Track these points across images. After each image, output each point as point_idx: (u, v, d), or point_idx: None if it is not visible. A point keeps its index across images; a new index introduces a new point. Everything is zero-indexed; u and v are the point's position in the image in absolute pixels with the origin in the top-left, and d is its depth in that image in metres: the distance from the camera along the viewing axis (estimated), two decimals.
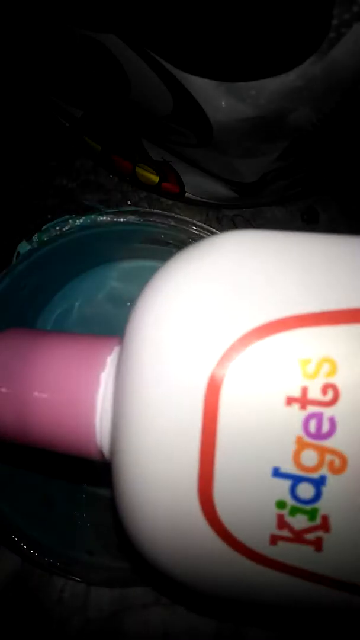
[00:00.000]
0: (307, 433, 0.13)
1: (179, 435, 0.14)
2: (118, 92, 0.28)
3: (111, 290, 0.36)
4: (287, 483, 0.13)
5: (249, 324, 0.13)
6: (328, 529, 0.13)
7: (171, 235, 0.30)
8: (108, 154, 0.37)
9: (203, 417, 0.14)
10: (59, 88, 0.34)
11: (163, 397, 0.14)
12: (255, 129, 0.26)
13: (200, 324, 0.14)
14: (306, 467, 0.13)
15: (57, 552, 0.29)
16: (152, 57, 0.23)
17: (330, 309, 0.13)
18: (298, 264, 0.14)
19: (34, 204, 0.41)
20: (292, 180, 0.35)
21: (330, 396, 0.13)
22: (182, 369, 0.14)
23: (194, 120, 0.26)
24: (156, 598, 0.28)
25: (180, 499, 0.14)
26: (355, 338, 0.13)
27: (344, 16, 0.19)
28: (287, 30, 0.20)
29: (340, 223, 0.40)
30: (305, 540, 0.13)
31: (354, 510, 0.13)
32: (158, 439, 0.14)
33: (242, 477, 0.14)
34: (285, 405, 0.13)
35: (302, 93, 0.23)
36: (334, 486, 0.13)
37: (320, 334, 0.13)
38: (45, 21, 0.25)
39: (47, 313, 0.36)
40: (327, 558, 0.14)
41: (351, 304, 0.13)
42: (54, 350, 0.17)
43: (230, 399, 0.13)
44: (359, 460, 0.13)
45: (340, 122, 0.27)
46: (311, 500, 0.13)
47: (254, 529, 0.14)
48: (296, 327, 0.13)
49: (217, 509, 0.14)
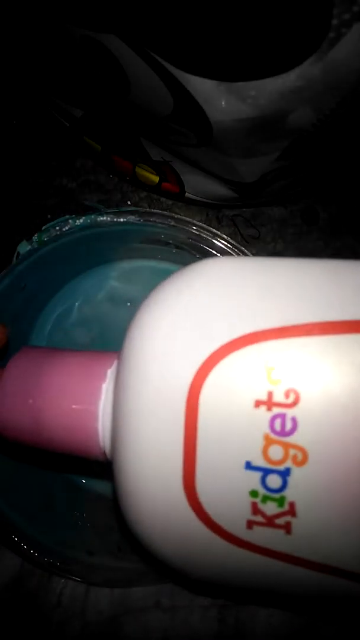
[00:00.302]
0: (273, 431, 0.15)
1: (165, 435, 0.16)
2: (118, 92, 0.28)
3: (111, 290, 0.36)
4: (258, 475, 0.15)
5: (223, 338, 0.16)
6: (295, 514, 0.15)
7: (171, 235, 0.30)
8: (108, 154, 0.37)
9: (185, 420, 0.16)
10: (59, 88, 0.34)
11: (151, 404, 0.16)
12: (255, 129, 0.26)
13: (181, 341, 0.16)
14: (273, 461, 0.15)
15: (57, 552, 0.29)
16: (152, 57, 0.23)
17: (290, 324, 0.15)
18: (263, 287, 0.17)
19: (33, 204, 0.41)
20: (292, 180, 0.35)
21: (292, 399, 0.15)
22: (167, 380, 0.16)
23: (194, 121, 0.26)
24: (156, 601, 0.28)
25: (168, 490, 0.16)
26: (311, 349, 0.15)
27: (343, 16, 0.19)
28: (287, 30, 0.20)
29: (340, 223, 0.40)
30: (276, 525, 0.15)
31: (315, 497, 0.15)
32: (148, 439, 0.16)
33: (220, 471, 0.16)
34: (254, 408, 0.15)
35: (302, 93, 0.23)
36: (297, 477, 0.15)
37: (283, 345, 0.15)
38: (46, 21, 0.25)
39: (47, 313, 0.36)
40: (296, 540, 0.16)
41: (308, 319, 0.15)
42: (63, 365, 0.20)
43: (208, 404, 0.16)
44: (318, 453, 0.15)
45: (340, 122, 0.27)
46: (279, 490, 0.15)
47: (232, 515, 0.16)
48: (262, 340, 0.15)
49: (200, 498, 0.16)
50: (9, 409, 0.20)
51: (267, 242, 0.41)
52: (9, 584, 0.30)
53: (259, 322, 0.16)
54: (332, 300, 0.16)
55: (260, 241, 0.40)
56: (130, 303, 0.36)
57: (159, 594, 0.28)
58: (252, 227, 0.41)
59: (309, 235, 0.40)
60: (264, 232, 0.41)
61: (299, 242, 0.41)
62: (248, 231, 0.41)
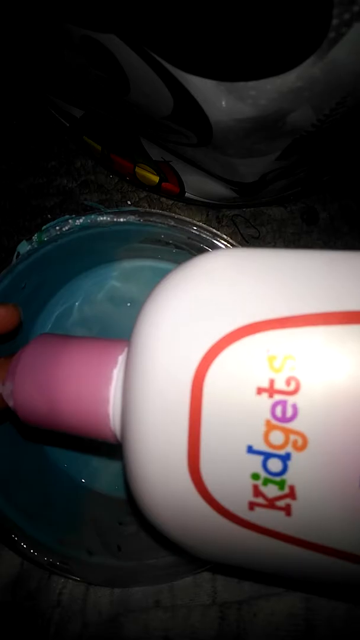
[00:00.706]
0: (274, 417, 0.16)
1: (171, 420, 0.17)
2: (117, 92, 0.28)
3: (111, 289, 0.36)
4: (259, 458, 0.16)
5: (227, 328, 0.16)
6: (294, 497, 0.16)
7: (171, 235, 0.30)
8: (108, 154, 0.37)
9: (190, 405, 0.16)
10: (59, 88, 0.34)
11: (158, 390, 0.17)
12: (255, 129, 0.26)
13: (186, 330, 0.17)
14: (274, 445, 0.16)
15: (57, 551, 0.29)
16: (152, 57, 0.23)
17: (292, 314, 0.16)
18: (265, 277, 0.17)
19: (33, 204, 0.41)
20: (292, 180, 0.35)
21: (293, 386, 0.15)
22: (173, 367, 0.17)
23: (194, 120, 0.26)
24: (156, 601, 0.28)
25: (174, 472, 0.17)
26: (314, 338, 0.15)
27: (344, 16, 0.19)
28: (287, 30, 0.20)
29: (340, 223, 0.40)
30: (277, 507, 0.16)
31: (315, 481, 0.15)
32: (155, 423, 0.17)
33: (223, 454, 0.16)
34: (256, 394, 0.16)
35: (303, 93, 0.23)
36: (297, 461, 0.15)
37: (285, 335, 0.16)
38: (46, 21, 0.25)
39: (46, 313, 0.36)
40: (296, 522, 0.16)
41: (310, 310, 0.16)
42: (76, 352, 0.21)
43: (212, 390, 0.16)
44: (317, 439, 0.15)
45: (340, 122, 0.27)
46: (279, 473, 0.16)
47: (234, 496, 0.17)
48: (265, 330, 0.16)
49: (204, 479, 0.17)
50: (26, 394, 0.21)
51: (267, 242, 0.41)
52: (8, 584, 0.30)
53: (261, 312, 0.16)
54: (333, 291, 0.16)
55: (260, 241, 0.41)
56: (131, 303, 0.36)
57: (159, 593, 0.28)
58: (252, 227, 0.41)
59: (309, 235, 0.41)
60: (264, 232, 0.41)
61: (299, 242, 0.41)
62: (248, 231, 0.41)
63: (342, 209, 0.41)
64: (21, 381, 0.21)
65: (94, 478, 0.35)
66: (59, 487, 0.34)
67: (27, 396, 0.21)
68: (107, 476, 0.35)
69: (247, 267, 0.18)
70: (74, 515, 0.33)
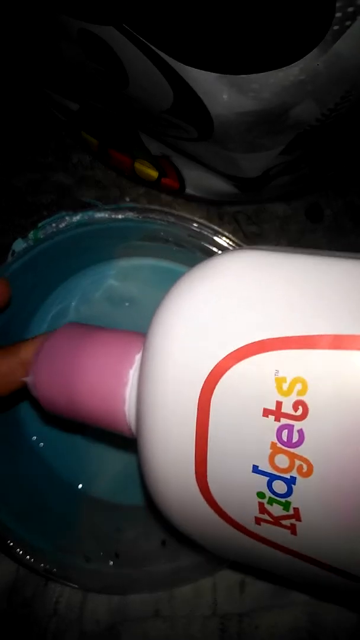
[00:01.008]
0: (280, 440, 0.15)
1: (179, 431, 0.17)
2: (116, 85, 0.27)
3: (109, 288, 0.36)
4: (264, 479, 0.16)
5: (236, 343, 0.16)
6: (299, 518, 0.16)
7: (171, 233, 0.30)
8: (106, 149, 0.37)
9: (197, 420, 0.17)
10: (56, 82, 0.33)
11: (167, 401, 0.17)
12: (257, 123, 0.25)
13: (196, 343, 0.17)
14: (279, 468, 0.16)
15: (54, 558, 0.29)
16: (151, 49, 0.23)
17: (306, 334, 0.15)
18: (283, 290, 0.16)
19: (29, 201, 0.41)
20: (296, 175, 0.34)
21: (301, 412, 0.15)
22: (181, 380, 0.17)
23: (195, 114, 0.26)
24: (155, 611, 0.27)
25: (183, 481, 0.17)
26: (325, 362, 0.15)
27: (347, 9, 0.19)
28: (290, 22, 0.20)
29: (344, 220, 0.40)
30: (283, 525, 0.16)
31: (319, 507, 0.15)
32: (164, 432, 0.17)
33: (229, 470, 0.17)
34: (262, 416, 0.15)
35: (306, 86, 0.23)
36: (302, 486, 0.15)
37: (296, 356, 0.15)
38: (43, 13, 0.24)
39: (42, 312, 0.35)
40: (302, 540, 0.16)
41: (325, 330, 0.15)
42: (96, 347, 0.21)
43: (219, 408, 0.16)
44: (323, 466, 0.15)
45: (345, 116, 0.26)
46: (284, 495, 0.16)
47: (241, 510, 0.17)
48: (275, 349, 0.15)
49: (212, 491, 0.17)
50: (47, 385, 0.21)
51: (269, 240, 0.40)
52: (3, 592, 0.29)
53: (272, 329, 0.16)
54: (350, 312, 0.15)
55: (262, 238, 0.40)
56: (129, 303, 0.36)
57: (158, 603, 0.28)
58: (254, 224, 0.40)
59: (312, 232, 0.40)
60: (267, 230, 0.40)
61: (303, 239, 0.40)
62: (250, 228, 0.40)
63: (347, 206, 0.40)
64: (42, 372, 0.22)
65: (91, 484, 0.35)
66: (56, 493, 0.34)
67: (48, 388, 0.21)
68: (105, 482, 0.35)
69: (261, 277, 0.17)
70: (71, 522, 0.32)
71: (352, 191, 0.40)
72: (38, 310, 0.35)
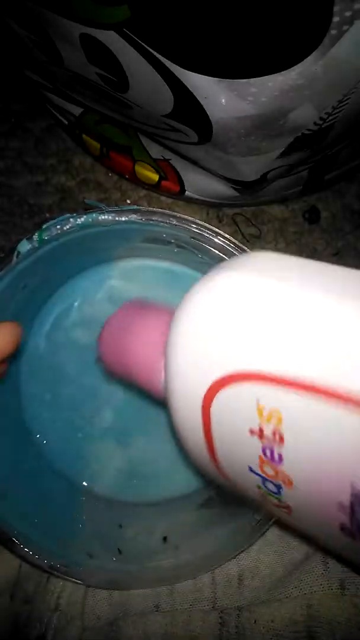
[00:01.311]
0: (265, 456, 0.17)
1: (190, 416, 0.19)
2: (117, 90, 0.27)
3: (111, 289, 0.36)
4: (259, 478, 0.18)
5: (230, 367, 0.17)
6: (290, 511, 0.18)
7: (173, 234, 0.30)
8: (107, 152, 0.37)
9: (202, 419, 0.19)
10: (58, 86, 0.34)
11: (180, 395, 0.20)
12: (256, 127, 0.26)
13: (200, 356, 0.19)
14: (268, 475, 0.18)
15: (57, 554, 0.29)
16: (152, 54, 0.23)
17: (283, 375, 0.16)
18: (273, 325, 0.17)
19: (31, 203, 0.41)
20: (294, 178, 0.34)
21: (278, 439, 0.16)
22: (188, 385, 0.19)
23: (194, 118, 0.26)
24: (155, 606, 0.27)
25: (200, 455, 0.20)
26: (299, 403, 0.16)
27: (345, 13, 0.19)
28: (289, 27, 0.20)
29: (342, 222, 0.40)
30: (280, 507, 0.19)
31: (304, 507, 0.18)
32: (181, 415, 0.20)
33: (232, 464, 0.19)
34: (249, 435, 0.17)
35: (304, 91, 0.23)
36: (288, 492, 0.17)
37: (273, 391, 0.16)
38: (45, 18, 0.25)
39: (45, 312, 0.35)
40: (295, 521, 0.19)
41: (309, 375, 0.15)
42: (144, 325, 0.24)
43: (217, 416, 0.18)
44: (302, 482, 0.17)
45: (343, 120, 0.26)
46: (276, 493, 0.18)
47: (247, 491, 0.20)
48: (257, 381, 0.16)
49: (223, 468, 0.20)
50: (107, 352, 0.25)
51: (268, 241, 0.40)
52: (6, 588, 0.29)
53: (256, 361, 0.17)
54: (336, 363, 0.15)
55: (261, 240, 0.40)
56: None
57: (158, 598, 0.28)
58: (253, 225, 0.41)
59: (310, 234, 0.40)
60: (265, 231, 0.41)
61: (300, 241, 0.40)
62: (249, 230, 0.41)
63: (344, 208, 0.40)
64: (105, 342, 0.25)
65: (94, 481, 0.35)
66: (59, 490, 0.34)
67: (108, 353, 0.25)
68: (107, 479, 0.35)
69: (255, 306, 0.17)
70: (74, 518, 0.33)
71: (350, 194, 0.41)
72: (42, 309, 0.35)
